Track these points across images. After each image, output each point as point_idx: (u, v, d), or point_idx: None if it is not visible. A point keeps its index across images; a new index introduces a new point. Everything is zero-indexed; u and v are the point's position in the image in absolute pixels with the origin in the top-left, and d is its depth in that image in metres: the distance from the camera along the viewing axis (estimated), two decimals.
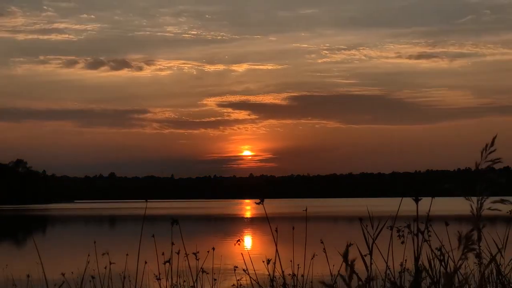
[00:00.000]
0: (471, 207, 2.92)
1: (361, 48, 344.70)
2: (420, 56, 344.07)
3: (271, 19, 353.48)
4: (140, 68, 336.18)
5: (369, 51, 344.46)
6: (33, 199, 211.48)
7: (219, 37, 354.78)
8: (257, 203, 5.32)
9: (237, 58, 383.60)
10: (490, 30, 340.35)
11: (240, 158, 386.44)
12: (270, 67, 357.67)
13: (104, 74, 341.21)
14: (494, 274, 6.42)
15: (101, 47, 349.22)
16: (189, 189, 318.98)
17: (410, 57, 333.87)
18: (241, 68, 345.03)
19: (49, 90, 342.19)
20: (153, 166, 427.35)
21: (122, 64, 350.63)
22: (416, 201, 3.70)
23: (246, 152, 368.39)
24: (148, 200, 9.35)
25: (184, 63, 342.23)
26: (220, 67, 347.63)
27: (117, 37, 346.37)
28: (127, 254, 9.18)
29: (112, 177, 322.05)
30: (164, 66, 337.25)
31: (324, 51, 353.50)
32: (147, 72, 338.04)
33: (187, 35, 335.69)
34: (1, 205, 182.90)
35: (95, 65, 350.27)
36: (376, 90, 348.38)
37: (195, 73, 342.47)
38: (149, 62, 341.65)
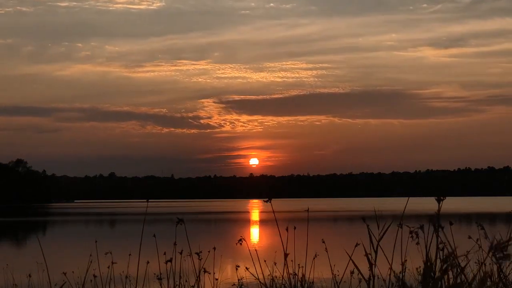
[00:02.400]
0: None
1: (339, 38, 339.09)
2: (408, 45, 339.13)
3: (234, 8, 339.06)
4: (93, 56, 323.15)
5: (351, 41, 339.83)
6: (33, 199, 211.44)
7: (178, 23, 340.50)
8: (265, 201, 5.39)
9: (204, 49, 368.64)
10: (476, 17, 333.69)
11: (240, 157, 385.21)
12: (247, 58, 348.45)
13: (59, 66, 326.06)
14: (496, 273, 6.40)
15: (37, 29, 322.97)
16: (189, 189, 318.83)
17: (394, 47, 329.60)
18: (215, 60, 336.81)
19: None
20: (153, 166, 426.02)
21: (74, 50, 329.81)
22: (439, 200, 3.68)
23: (246, 152, 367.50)
24: (149, 200, 9.33)
25: (144, 49, 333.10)
26: (188, 58, 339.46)
27: (53, 14, 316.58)
28: (129, 254, 9.17)
29: (112, 177, 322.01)
30: (124, 50, 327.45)
31: (299, 41, 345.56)
32: (107, 61, 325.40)
33: (135, 7, 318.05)
34: (1, 204, 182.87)
35: (42, 52, 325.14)
36: (367, 84, 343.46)
37: (164, 63, 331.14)
38: (103, 49, 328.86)
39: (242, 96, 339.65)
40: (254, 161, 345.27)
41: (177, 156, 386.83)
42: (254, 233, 54.20)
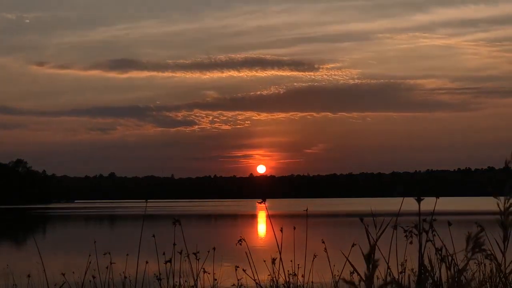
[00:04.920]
0: (498, 205, 2.92)
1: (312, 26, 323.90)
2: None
3: None
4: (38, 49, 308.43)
5: (315, 30, 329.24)
6: (33, 199, 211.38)
7: (129, 12, 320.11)
8: (259, 203, 5.33)
9: (167, 40, 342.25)
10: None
11: (240, 157, 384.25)
12: (217, 50, 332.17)
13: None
14: (495, 274, 6.41)
15: None
16: (189, 189, 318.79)
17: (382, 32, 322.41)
18: (183, 53, 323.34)
19: None
20: (153, 166, 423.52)
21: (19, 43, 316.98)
22: (418, 200, 3.69)
23: (245, 151, 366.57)
24: (148, 200, 9.33)
25: (94, 41, 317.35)
26: (150, 51, 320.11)
27: None
28: (127, 254, 9.18)
29: (112, 177, 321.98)
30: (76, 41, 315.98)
31: (266, 30, 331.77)
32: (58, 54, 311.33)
33: None
34: (1, 205, 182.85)
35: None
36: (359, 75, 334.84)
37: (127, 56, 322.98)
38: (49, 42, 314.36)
39: (224, 93, 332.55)
40: (261, 169, 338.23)
41: (176, 155, 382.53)
42: (255, 233, 54.19)
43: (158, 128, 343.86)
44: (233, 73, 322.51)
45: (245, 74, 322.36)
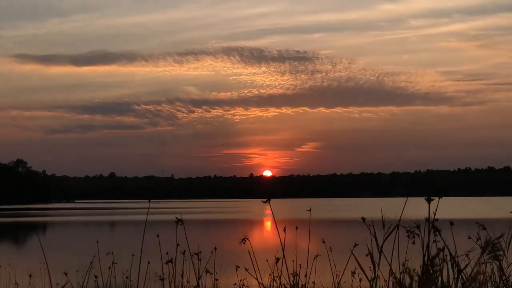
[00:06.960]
0: None
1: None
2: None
3: None
4: None
5: (284, 21, 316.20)
6: (33, 199, 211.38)
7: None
8: (264, 202, 5.36)
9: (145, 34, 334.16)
10: None
11: (241, 156, 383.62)
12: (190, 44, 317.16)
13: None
14: (496, 274, 6.44)
15: None
16: (189, 189, 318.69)
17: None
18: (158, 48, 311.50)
19: None
20: (153, 166, 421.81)
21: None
22: (429, 201, 3.71)
23: (241, 150, 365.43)
24: (150, 200, 9.35)
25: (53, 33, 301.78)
26: (122, 46, 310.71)
27: None
28: (133, 255, 9.20)
29: (112, 177, 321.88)
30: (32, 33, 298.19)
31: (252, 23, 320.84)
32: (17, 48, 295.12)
33: None
34: (1, 205, 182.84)
35: None
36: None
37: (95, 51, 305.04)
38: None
39: (205, 88, 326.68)
40: (267, 173, 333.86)
41: (168, 154, 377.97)
42: (256, 233, 54.21)
43: (142, 125, 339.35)
44: (211, 62, 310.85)
45: (224, 64, 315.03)
